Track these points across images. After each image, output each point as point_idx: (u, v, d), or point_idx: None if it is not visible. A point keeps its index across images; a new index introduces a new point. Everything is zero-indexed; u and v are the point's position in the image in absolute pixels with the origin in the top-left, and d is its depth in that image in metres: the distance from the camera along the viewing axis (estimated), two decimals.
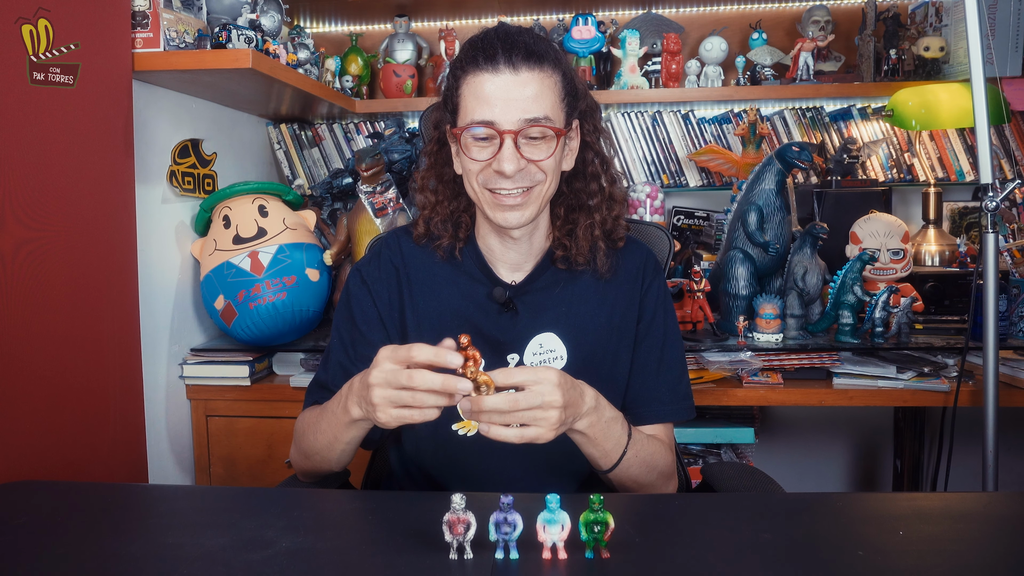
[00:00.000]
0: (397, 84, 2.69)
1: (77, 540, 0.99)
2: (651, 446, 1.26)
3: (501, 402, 1.02)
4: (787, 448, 2.84)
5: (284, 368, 2.20)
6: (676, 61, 2.60)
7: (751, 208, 2.13)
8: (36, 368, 1.53)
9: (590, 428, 1.14)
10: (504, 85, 1.17)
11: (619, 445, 1.19)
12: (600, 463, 1.20)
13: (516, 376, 1.03)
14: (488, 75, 1.18)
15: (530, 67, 1.18)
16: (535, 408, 1.03)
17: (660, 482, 1.28)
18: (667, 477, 1.30)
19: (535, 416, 1.03)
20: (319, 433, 1.23)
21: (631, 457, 1.21)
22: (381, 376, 1.04)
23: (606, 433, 1.17)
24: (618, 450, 1.19)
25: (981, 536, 0.98)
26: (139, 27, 1.83)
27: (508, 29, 1.22)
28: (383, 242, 1.40)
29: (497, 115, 1.17)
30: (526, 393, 1.02)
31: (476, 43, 1.21)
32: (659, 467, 1.27)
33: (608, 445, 1.18)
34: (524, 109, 1.17)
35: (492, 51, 1.18)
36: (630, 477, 1.23)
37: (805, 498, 1.18)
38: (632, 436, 1.21)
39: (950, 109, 2.29)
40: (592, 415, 1.13)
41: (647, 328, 1.34)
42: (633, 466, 1.22)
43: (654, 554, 0.93)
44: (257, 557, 0.91)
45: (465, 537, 0.90)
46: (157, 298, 2.03)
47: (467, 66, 1.20)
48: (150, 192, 2.00)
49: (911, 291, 2.11)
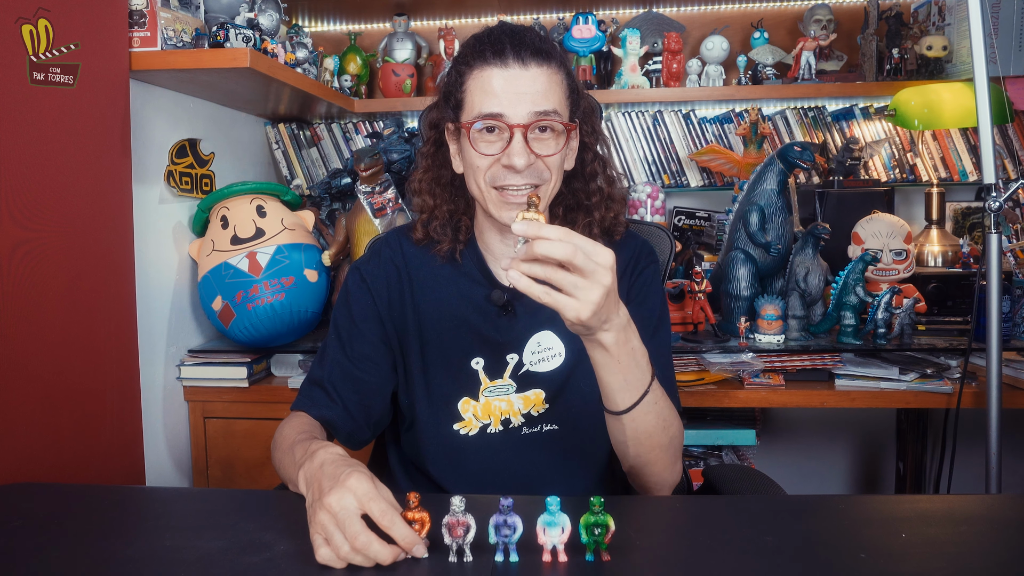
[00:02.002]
0: (396, 83, 2.69)
1: (74, 543, 0.98)
2: (669, 403, 1.18)
3: (559, 249, 0.92)
4: (789, 450, 2.84)
5: (282, 369, 2.19)
6: (677, 60, 2.59)
7: (753, 208, 2.12)
8: (32, 369, 1.52)
9: (616, 346, 1.04)
10: (513, 79, 1.17)
11: (642, 381, 1.10)
12: (617, 398, 1.10)
13: (578, 239, 0.94)
14: (497, 69, 1.17)
15: (539, 62, 1.18)
16: (585, 275, 0.94)
17: (672, 450, 1.19)
18: (677, 449, 1.21)
19: (577, 284, 0.95)
20: (282, 466, 1.17)
21: (650, 402, 1.12)
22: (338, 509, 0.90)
23: (631, 361, 1.07)
24: (640, 387, 1.10)
25: (984, 539, 0.98)
26: (136, 26, 1.82)
27: (513, 26, 1.22)
28: (384, 241, 1.39)
29: (506, 108, 1.16)
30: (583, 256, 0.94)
31: (483, 38, 1.21)
32: (672, 430, 1.18)
33: (631, 376, 1.09)
34: (534, 102, 1.17)
35: (500, 46, 1.17)
36: (646, 428, 1.14)
37: (807, 500, 1.17)
38: (654, 380, 1.13)
39: (953, 109, 2.28)
40: (621, 332, 1.04)
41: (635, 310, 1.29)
42: (651, 414, 1.13)
43: (655, 556, 0.92)
44: (255, 560, 0.91)
45: (464, 540, 0.89)
46: (154, 299, 2.03)
47: (474, 61, 1.19)
48: (147, 192, 1.99)
49: (913, 292, 2.10)
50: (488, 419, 1.28)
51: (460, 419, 1.29)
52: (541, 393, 1.28)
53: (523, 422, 1.29)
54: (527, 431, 1.29)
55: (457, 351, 1.29)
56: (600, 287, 0.95)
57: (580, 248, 0.93)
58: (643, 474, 1.21)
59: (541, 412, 1.28)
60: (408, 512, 0.90)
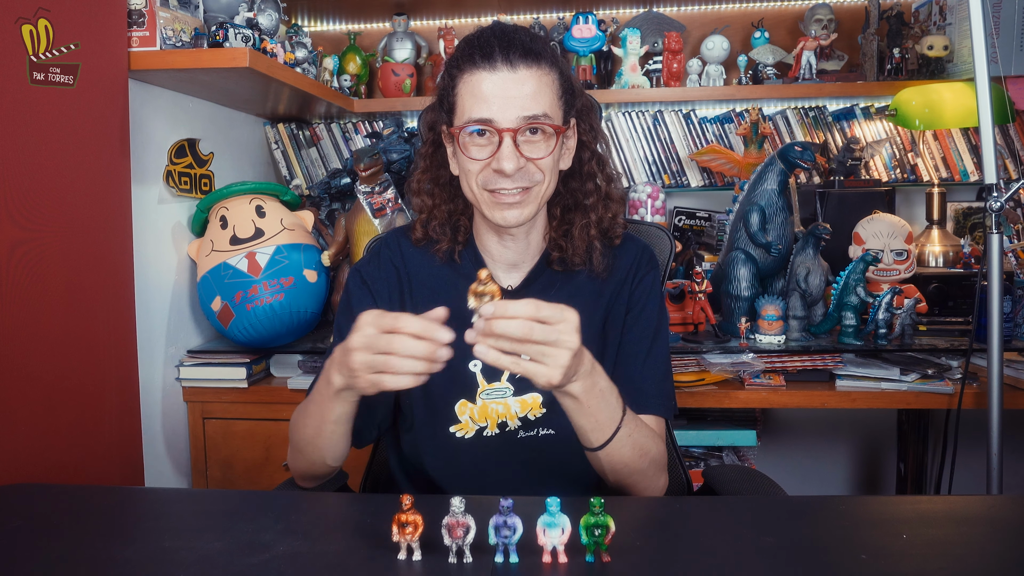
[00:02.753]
0: (396, 83, 2.68)
1: (72, 544, 0.98)
2: (645, 430, 1.21)
3: (515, 328, 0.96)
4: (789, 451, 2.83)
5: (282, 370, 2.19)
6: (677, 60, 2.59)
7: (753, 208, 2.12)
8: (31, 370, 1.52)
9: (584, 393, 1.07)
10: (502, 83, 1.16)
11: (613, 419, 1.13)
12: (591, 437, 1.14)
13: (542, 311, 0.97)
14: (485, 73, 1.17)
15: (528, 65, 1.17)
16: (549, 344, 0.97)
17: (652, 471, 1.22)
18: (659, 467, 1.24)
19: (545, 353, 0.98)
20: (307, 418, 1.20)
21: (624, 436, 1.15)
22: (362, 340, 1.01)
23: (600, 403, 1.11)
24: (612, 424, 1.13)
25: (985, 540, 0.98)
26: (135, 26, 1.82)
27: (504, 27, 1.21)
28: (383, 242, 1.39)
29: (495, 113, 1.16)
30: (544, 327, 0.97)
31: (472, 41, 1.20)
32: (651, 454, 1.21)
33: (601, 416, 1.12)
34: (523, 107, 1.16)
35: (489, 49, 1.17)
36: (622, 459, 1.17)
37: (807, 501, 1.17)
38: (627, 414, 1.16)
39: (954, 108, 2.28)
40: (587, 379, 1.07)
41: (636, 318, 1.31)
42: (626, 447, 1.16)
43: (655, 558, 0.92)
44: (254, 561, 0.91)
45: (464, 541, 0.89)
46: (153, 299, 2.02)
47: (463, 64, 1.19)
48: (146, 192, 1.99)
49: (914, 292, 2.10)
50: (485, 422, 1.28)
51: (457, 421, 1.28)
52: (539, 397, 1.28)
53: (519, 426, 1.28)
54: (523, 435, 1.28)
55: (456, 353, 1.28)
56: (567, 351, 0.98)
57: (540, 319, 0.96)
58: (627, 491, 1.23)
59: (538, 416, 1.28)
60: (401, 514, 0.89)
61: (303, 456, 1.25)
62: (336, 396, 1.12)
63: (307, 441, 1.22)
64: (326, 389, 1.13)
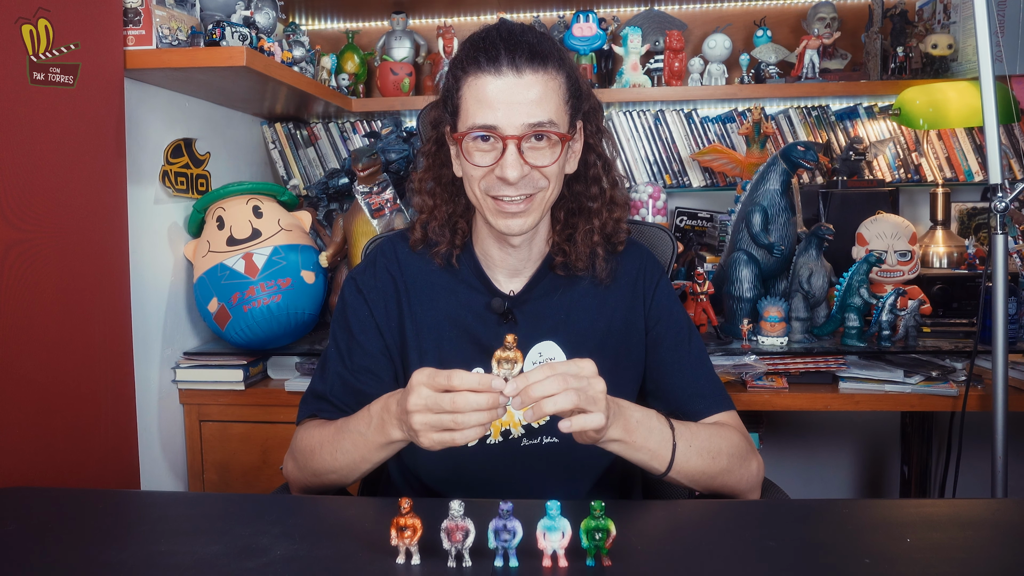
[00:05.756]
0: (394, 82, 2.67)
1: (68, 547, 0.98)
2: (706, 431, 1.20)
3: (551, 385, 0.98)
4: (792, 453, 2.82)
5: (279, 372, 2.18)
6: (679, 59, 2.58)
7: (755, 209, 2.11)
8: (26, 372, 1.51)
9: (625, 433, 1.09)
10: (507, 88, 1.14)
11: (664, 441, 1.14)
12: (653, 465, 1.14)
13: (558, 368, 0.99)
14: (490, 77, 1.14)
15: (534, 69, 1.14)
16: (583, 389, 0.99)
17: (736, 465, 1.21)
18: (742, 458, 1.22)
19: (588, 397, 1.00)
20: (340, 453, 1.19)
21: (684, 449, 1.14)
22: (420, 402, 1.01)
23: (645, 432, 1.12)
24: (666, 446, 1.13)
25: (990, 544, 0.97)
26: (131, 24, 1.81)
27: (511, 28, 1.18)
28: (379, 249, 1.37)
29: (500, 119, 1.14)
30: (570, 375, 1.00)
31: (477, 42, 1.17)
32: (726, 450, 1.20)
33: (651, 443, 1.12)
34: (528, 113, 1.14)
35: (495, 51, 1.14)
36: (696, 470, 1.17)
37: (810, 504, 1.17)
38: (676, 428, 1.16)
39: (958, 108, 2.27)
40: (619, 419, 1.08)
41: (666, 328, 1.32)
42: (692, 458, 1.15)
43: (656, 561, 0.92)
44: (252, 565, 0.91)
45: (464, 544, 0.88)
46: (149, 301, 2.01)
47: (468, 67, 1.17)
48: (142, 192, 1.97)
49: (918, 293, 2.09)
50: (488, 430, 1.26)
51: None
52: None
53: (523, 433, 1.27)
54: (527, 443, 1.27)
55: (456, 360, 1.27)
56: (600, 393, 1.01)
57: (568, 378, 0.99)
58: (725, 495, 1.23)
59: (542, 424, 1.26)
60: (399, 518, 0.89)
61: (319, 479, 1.24)
62: (389, 445, 1.13)
63: (333, 470, 1.21)
64: (377, 436, 1.13)
